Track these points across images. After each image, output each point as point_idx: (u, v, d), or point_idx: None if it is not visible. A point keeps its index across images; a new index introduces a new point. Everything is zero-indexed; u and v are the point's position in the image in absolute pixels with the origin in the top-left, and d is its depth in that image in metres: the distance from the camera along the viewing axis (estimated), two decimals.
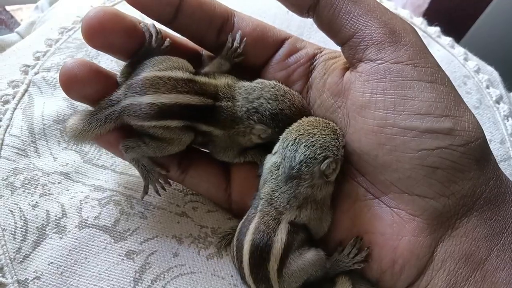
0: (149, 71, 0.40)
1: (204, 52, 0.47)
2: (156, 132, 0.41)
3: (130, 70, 0.42)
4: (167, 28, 0.44)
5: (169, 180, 0.47)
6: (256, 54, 0.44)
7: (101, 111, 0.41)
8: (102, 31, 0.39)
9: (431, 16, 0.77)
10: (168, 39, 0.43)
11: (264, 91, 0.42)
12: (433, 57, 0.40)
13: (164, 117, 0.40)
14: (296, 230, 0.41)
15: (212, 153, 0.46)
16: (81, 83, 0.41)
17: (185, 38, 0.46)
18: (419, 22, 0.71)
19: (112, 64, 0.55)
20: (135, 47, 0.42)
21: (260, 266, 0.39)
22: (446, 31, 0.72)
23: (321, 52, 0.46)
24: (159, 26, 0.43)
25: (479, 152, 0.38)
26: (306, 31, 0.64)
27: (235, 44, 0.43)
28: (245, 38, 0.44)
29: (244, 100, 0.42)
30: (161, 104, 0.39)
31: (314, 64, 0.45)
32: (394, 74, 0.39)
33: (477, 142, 0.38)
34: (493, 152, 0.42)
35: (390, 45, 0.39)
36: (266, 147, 0.44)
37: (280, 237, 0.40)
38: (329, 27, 0.42)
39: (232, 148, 0.45)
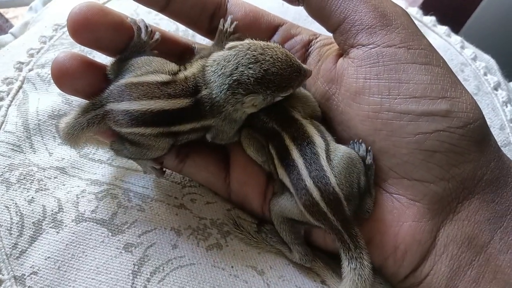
0: (128, 77, 0.40)
1: (196, 45, 0.46)
2: (133, 139, 0.41)
3: (119, 67, 0.41)
4: (157, 23, 0.43)
5: (166, 172, 0.47)
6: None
7: (84, 115, 0.40)
8: (88, 26, 0.39)
9: (428, 9, 0.76)
10: (158, 33, 0.43)
11: (239, 57, 0.38)
12: (426, 39, 0.40)
13: (138, 124, 0.39)
14: None
15: (213, 140, 0.44)
16: (73, 76, 0.40)
17: (175, 33, 0.46)
18: (414, 12, 0.70)
19: (107, 59, 0.55)
20: (123, 43, 0.42)
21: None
22: (443, 23, 0.71)
23: (316, 38, 0.45)
24: (148, 22, 0.43)
25: (478, 134, 0.38)
26: (301, 23, 0.64)
27: (226, 25, 0.43)
28: (235, 22, 0.43)
29: (221, 77, 0.39)
30: (134, 111, 0.38)
31: (309, 50, 0.45)
32: (387, 58, 0.38)
33: (476, 123, 0.37)
34: (496, 141, 0.41)
35: (381, 29, 0.39)
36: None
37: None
38: (319, 13, 0.41)
39: (230, 128, 0.42)
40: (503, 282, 0.37)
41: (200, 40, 0.52)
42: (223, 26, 0.43)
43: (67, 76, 0.40)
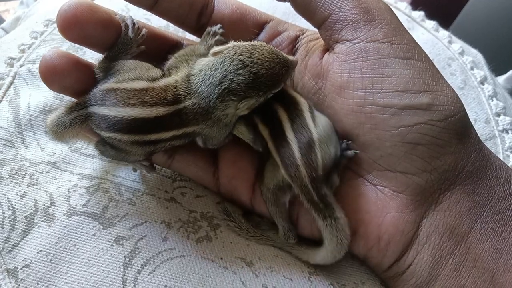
0: (111, 81, 0.40)
1: (185, 42, 0.47)
2: (112, 143, 0.41)
3: (106, 65, 0.42)
4: (148, 19, 0.44)
5: (157, 166, 0.47)
6: (236, 37, 0.45)
7: (67, 114, 0.41)
8: (77, 23, 0.39)
9: (417, 4, 0.77)
10: (144, 29, 0.43)
11: (226, 64, 0.38)
12: (409, 34, 0.41)
13: (115, 130, 0.39)
14: None
15: (204, 146, 0.44)
16: (61, 74, 0.41)
17: (165, 30, 0.46)
18: (403, 7, 0.71)
19: (97, 55, 0.55)
20: (111, 39, 0.42)
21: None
22: (432, 18, 0.72)
23: (303, 34, 0.46)
24: (138, 18, 0.43)
25: (459, 126, 0.39)
26: (291, 18, 0.64)
27: (214, 29, 0.43)
28: (222, 30, 0.43)
29: (209, 87, 0.38)
30: (112, 117, 0.39)
31: (296, 46, 0.45)
32: (371, 52, 0.39)
33: (457, 116, 0.39)
34: (478, 132, 0.42)
35: (365, 24, 0.40)
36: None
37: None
38: (304, 9, 0.42)
39: (220, 133, 0.42)
40: (482, 270, 0.38)
41: (190, 36, 0.52)
42: (211, 30, 0.43)
43: (55, 74, 0.40)
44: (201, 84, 0.39)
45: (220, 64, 0.38)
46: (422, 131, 0.38)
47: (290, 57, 0.41)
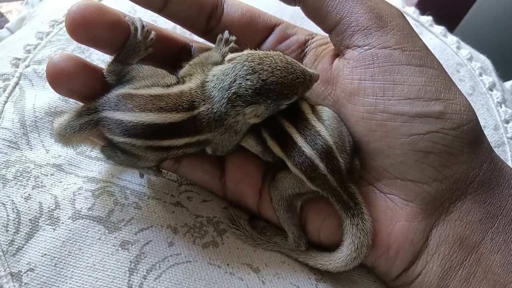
0: (128, 87, 0.40)
1: (194, 44, 0.46)
2: (125, 148, 0.41)
3: (118, 69, 0.42)
4: (154, 20, 0.43)
5: (163, 170, 0.47)
6: (246, 40, 0.44)
7: (77, 119, 0.41)
8: (86, 25, 0.39)
9: (423, 7, 0.77)
10: (153, 32, 0.43)
11: (237, 69, 0.38)
12: (422, 40, 0.40)
13: (129, 135, 0.39)
14: None
15: (213, 153, 0.44)
16: (68, 78, 0.40)
17: (172, 31, 0.46)
18: (411, 12, 0.71)
19: (104, 56, 0.55)
20: (120, 41, 0.42)
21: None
22: (438, 21, 0.72)
23: (312, 38, 0.45)
24: (145, 19, 0.43)
25: (471, 135, 0.38)
26: (299, 21, 0.64)
27: (225, 36, 0.43)
28: (232, 36, 0.43)
29: (220, 91, 0.39)
30: (127, 122, 0.39)
31: (305, 50, 0.45)
32: (382, 59, 0.39)
33: (469, 125, 0.38)
34: (489, 142, 0.42)
35: (376, 30, 0.39)
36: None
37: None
38: (315, 14, 0.42)
39: (231, 140, 0.42)
40: (493, 282, 0.37)
41: (197, 39, 0.52)
42: (223, 36, 0.43)
43: (62, 77, 0.40)
44: (214, 89, 0.39)
45: (232, 70, 0.39)
46: (434, 140, 0.38)
47: (310, 70, 0.41)
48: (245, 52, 0.39)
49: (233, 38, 0.43)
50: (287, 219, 0.43)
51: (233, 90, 0.38)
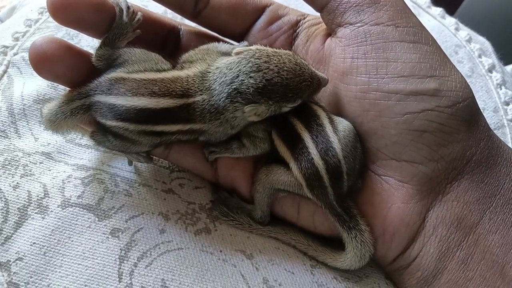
0: (120, 71, 0.39)
1: (183, 27, 0.45)
2: (118, 132, 0.40)
3: (105, 53, 0.40)
4: (145, 5, 0.42)
5: (154, 157, 0.46)
6: (236, 22, 0.43)
7: (68, 104, 0.40)
8: (68, 6, 0.38)
9: None
10: (140, 13, 0.42)
11: (242, 64, 0.37)
12: (415, 17, 0.39)
13: (122, 119, 0.38)
14: None
15: (204, 140, 0.43)
16: (52, 61, 0.39)
17: (160, 14, 0.45)
18: None
19: (94, 42, 0.54)
20: (105, 23, 0.40)
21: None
22: (437, 4, 0.70)
23: (304, 18, 0.44)
24: (136, 2, 0.42)
25: (467, 113, 0.37)
26: (292, 4, 0.63)
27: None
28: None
29: (221, 85, 0.37)
30: (120, 106, 0.38)
31: (297, 31, 0.44)
32: (375, 36, 0.37)
33: (465, 102, 0.37)
34: (486, 121, 0.41)
35: (369, 7, 0.38)
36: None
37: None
38: None
39: (225, 133, 0.41)
40: (491, 262, 0.36)
41: (189, 22, 0.51)
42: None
43: (45, 60, 0.39)
44: (215, 81, 0.38)
45: (236, 64, 0.37)
46: (429, 118, 0.36)
47: (320, 74, 0.39)
48: (254, 47, 0.38)
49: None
50: (265, 202, 0.42)
51: (234, 86, 0.37)
